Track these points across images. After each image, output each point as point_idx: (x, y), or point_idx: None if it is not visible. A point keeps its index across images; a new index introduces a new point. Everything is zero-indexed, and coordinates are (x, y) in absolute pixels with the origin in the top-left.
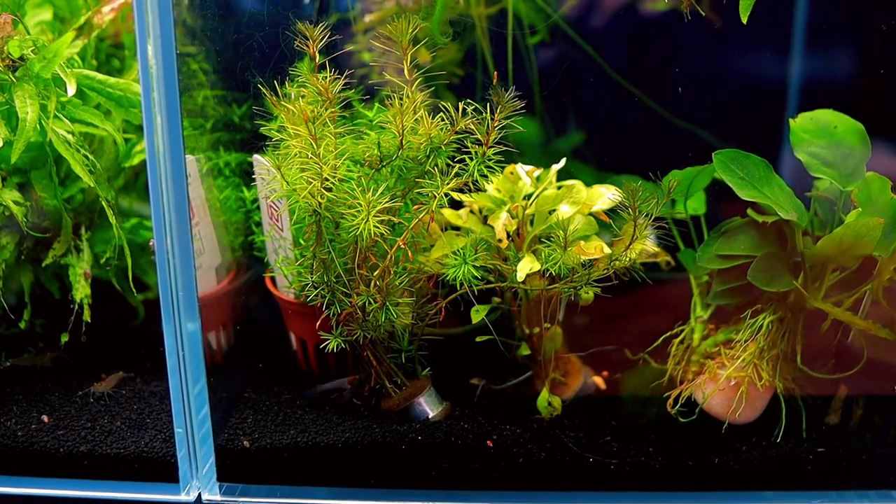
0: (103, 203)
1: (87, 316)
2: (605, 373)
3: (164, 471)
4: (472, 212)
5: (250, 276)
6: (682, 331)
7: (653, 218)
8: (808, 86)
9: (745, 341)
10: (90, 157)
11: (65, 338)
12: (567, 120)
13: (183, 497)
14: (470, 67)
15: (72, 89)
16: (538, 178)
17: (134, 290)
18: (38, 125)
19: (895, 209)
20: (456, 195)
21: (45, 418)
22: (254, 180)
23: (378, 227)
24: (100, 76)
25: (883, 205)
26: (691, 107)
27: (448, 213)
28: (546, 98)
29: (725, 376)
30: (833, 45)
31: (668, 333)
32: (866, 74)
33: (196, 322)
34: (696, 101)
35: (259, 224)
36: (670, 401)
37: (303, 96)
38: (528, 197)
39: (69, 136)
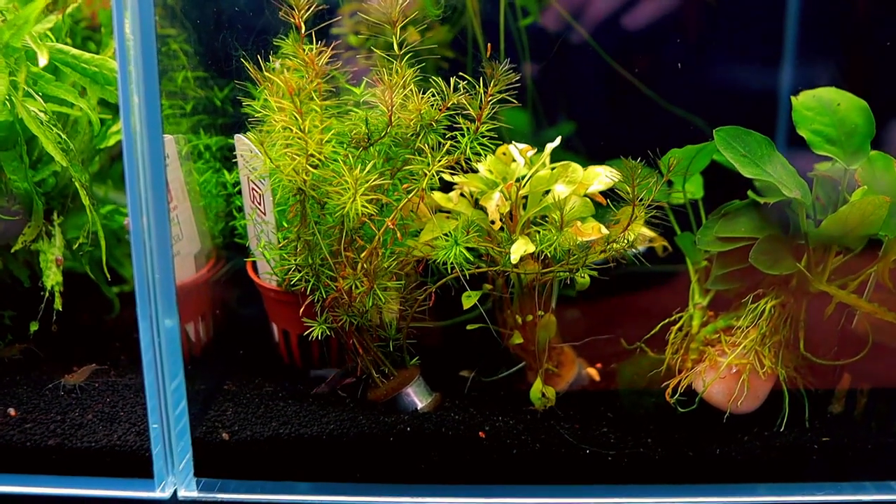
0: (77, 185)
1: (58, 304)
2: (598, 365)
3: (139, 465)
4: (462, 195)
5: (231, 264)
6: (679, 318)
7: (651, 198)
8: (800, 73)
9: (747, 327)
10: (63, 136)
11: (34, 326)
12: (558, 109)
13: (158, 494)
14: (459, 54)
15: (43, 60)
16: (531, 159)
17: (108, 277)
18: (7, 101)
19: None
20: (447, 176)
21: (11, 411)
22: (235, 163)
23: (366, 207)
24: (74, 51)
25: (888, 183)
26: (685, 94)
27: (438, 196)
28: (537, 85)
29: (726, 364)
30: (826, 31)
31: (666, 321)
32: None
33: (174, 315)
34: (691, 88)
35: (241, 209)
36: (669, 390)
37: (288, 69)
38: (522, 179)
39: (41, 115)
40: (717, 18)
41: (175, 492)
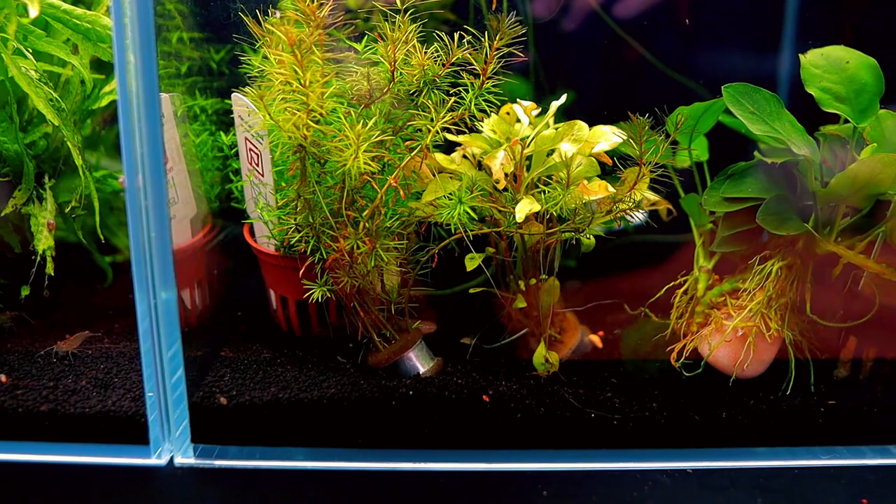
0: (70, 145)
1: (49, 268)
2: (601, 333)
3: (134, 432)
4: (465, 156)
5: (228, 230)
6: (684, 282)
7: (657, 158)
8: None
9: (753, 290)
10: (55, 96)
11: (25, 291)
12: (559, 78)
13: (154, 460)
14: (461, 16)
15: (34, 11)
16: (536, 119)
17: (102, 238)
18: None
19: None
20: (450, 136)
21: (2, 378)
22: (232, 126)
23: (368, 165)
24: (66, 6)
25: None
26: (688, 61)
27: (440, 157)
28: (540, 52)
29: (732, 327)
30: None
31: (671, 284)
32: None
33: (171, 282)
34: (694, 55)
35: (237, 172)
36: (674, 354)
37: (288, 21)
38: (526, 139)
39: (32, 73)
40: None
41: (172, 458)
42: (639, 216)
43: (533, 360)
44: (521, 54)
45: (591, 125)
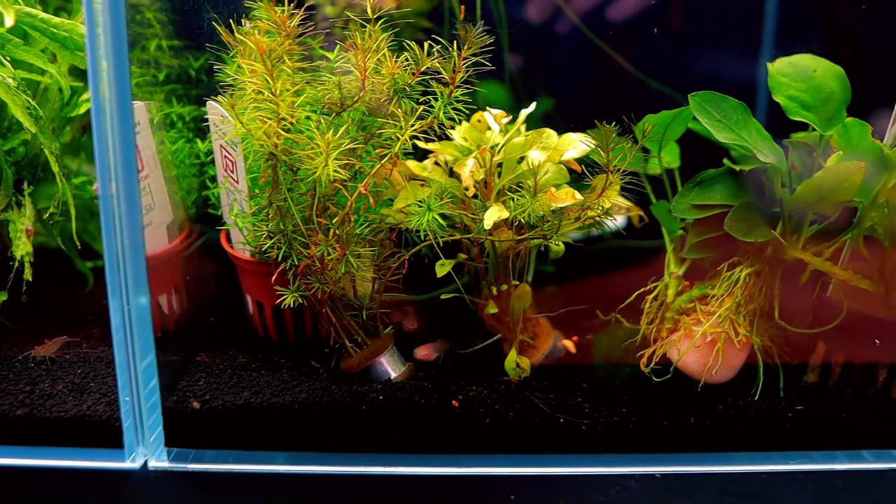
0: (47, 153)
1: (27, 274)
2: (574, 337)
3: (109, 436)
4: (437, 163)
5: (205, 236)
6: (655, 287)
7: (626, 164)
8: (783, 41)
9: (722, 296)
10: (33, 104)
11: (3, 296)
12: (537, 85)
13: (128, 464)
14: (436, 23)
15: (9, 20)
16: (506, 127)
17: (78, 244)
18: None
19: (876, 154)
20: (421, 144)
21: None
22: (208, 132)
23: (338, 172)
24: (43, 14)
25: (863, 149)
26: (665, 69)
27: (412, 164)
28: (516, 60)
29: (701, 332)
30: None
31: (641, 290)
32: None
33: (145, 291)
34: (672, 62)
35: (214, 179)
36: (644, 360)
37: (260, 31)
38: (496, 146)
39: (10, 81)
40: None
41: (146, 462)
42: (615, 222)
43: (505, 365)
44: (488, 63)
45: (570, 131)
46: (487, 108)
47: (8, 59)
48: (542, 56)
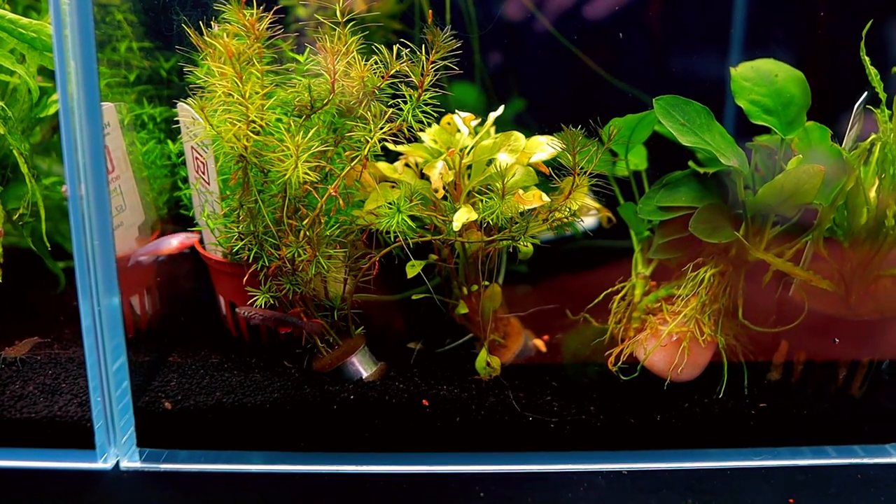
0: (16, 154)
1: None
2: (545, 336)
3: (81, 436)
4: (407, 165)
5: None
6: (623, 288)
7: (593, 167)
8: (748, 46)
9: (687, 296)
10: (1, 104)
11: None
12: (509, 86)
13: (100, 465)
14: (407, 26)
15: None
16: (475, 129)
17: (48, 245)
18: None
19: (835, 157)
20: (392, 146)
21: None
22: (180, 133)
23: (308, 175)
24: (11, 15)
25: (823, 153)
26: (635, 70)
27: (383, 165)
28: (487, 62)
29: (667, 332)
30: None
31: (609, 290)
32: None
33: (115, 292)
34: (642, 65)
35: (185, 180)
36: (611, 359)
37: (229, 34)
38: (466, 149)
39: None
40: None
41: (118, 462)
42: (584, 223)
43: (475, 364)
44: (455, 67)
45: (542, 132)
46: (456, 110)
47: None
48: (514, 57)
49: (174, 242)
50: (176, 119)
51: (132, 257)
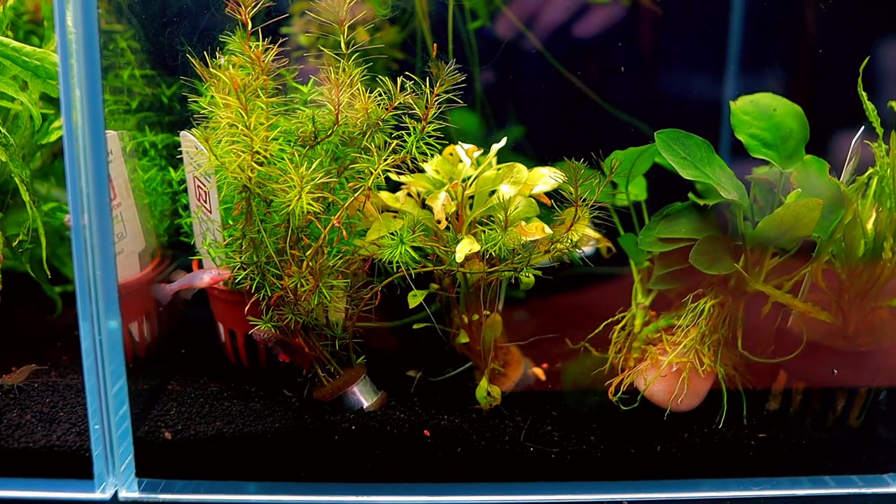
0: (17, 181)
1: None
2: (545, 365)
3: (78, 466)
4: (409, 195)
5: (176, 263)
6: (623, 318)
7: (595, 199)
8: (746, 79)
9: (687, 326)
10: (3, 131)
11: None
12: (508, 113)
13: (98, 495)
14: (409, 55)
15: None
16: (478, 160)
17: (48, 273)
18: None
19: (833, 190)
20: (394, 176)
21: None
22: (181, 161)
23: (312, 205)
24: (15, 43)
25: (821, 186)
26: (634, 99)
27: (385, 195)
28: (487, 89)
29: (667, 362)
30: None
31: (609, 320)
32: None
33: (116, 316)
34: (639, 94)
35: (186, 207)
36: (612, 389)
37: (234, 65)
38: (468, 179)
39: None
40: (664, 26)
41: (116, 493)
42: (584, 253)
43: (476, 393)
44: (460, 101)
45: (540, 159)
46: (459, 142)
47: None
48: (513, 86)
49: (206, 278)
50: (177, 146)
51: (166, 291)
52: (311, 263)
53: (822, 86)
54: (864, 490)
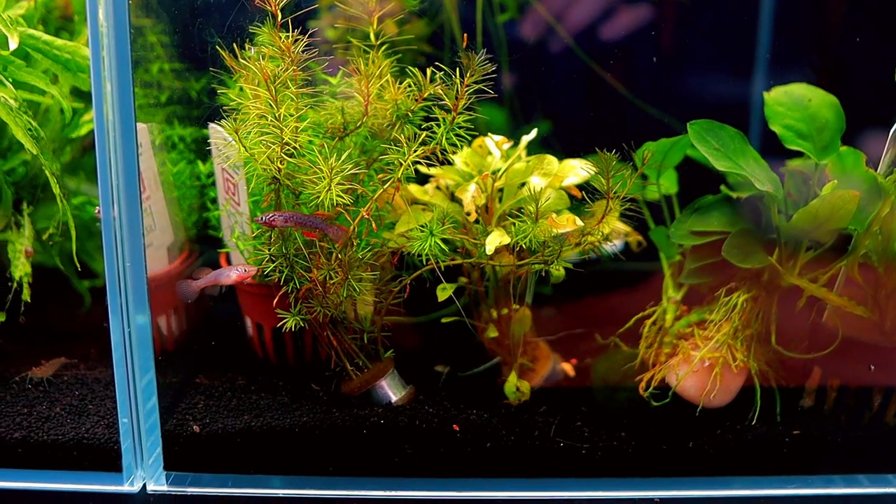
0: (48, 174)
1: (26, 295)
2: (573, 360)
3: (107, 459)
4: (437, 187)
5: (204, 256)
6: (653, 312)
7: (626, 191)
8: (777, 71)
9: (719, 321)
10: (34, 124)
11: (0, 317)
12: (534, 107)
13: (126, 488)
14: (436, 48)
15: (14, 43)
16: (507, 152)
17: (78, 266)
18: None
19: (870, 182)
20: (423, 168)
21: None
22: (209, 154)
23: (341, 197)
24: (46, 37)
25: (858, 178)
26: (661, 93)
27: (413, 188)
28: (515, 81)
29: (699, 357)
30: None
31: (640, 315)
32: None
33: (145, 309)
34: (667, 88)
35: (214, 200)
36: (643, 384)
37: (264, 56)
38: (497, 171)
39: (11, 102)
40: (692, 21)
41: (144, 485)
42: (614, 246)
43: (504, 388)
44: (490, 91)
45: (566, 153)
46: (489, 133)
47: (10, 80)
48: (539, 79)
49: (233, 275)
50: (205, 139)
51: (192, 289)
52: (340, 255)
53: (858, 76)
54: None
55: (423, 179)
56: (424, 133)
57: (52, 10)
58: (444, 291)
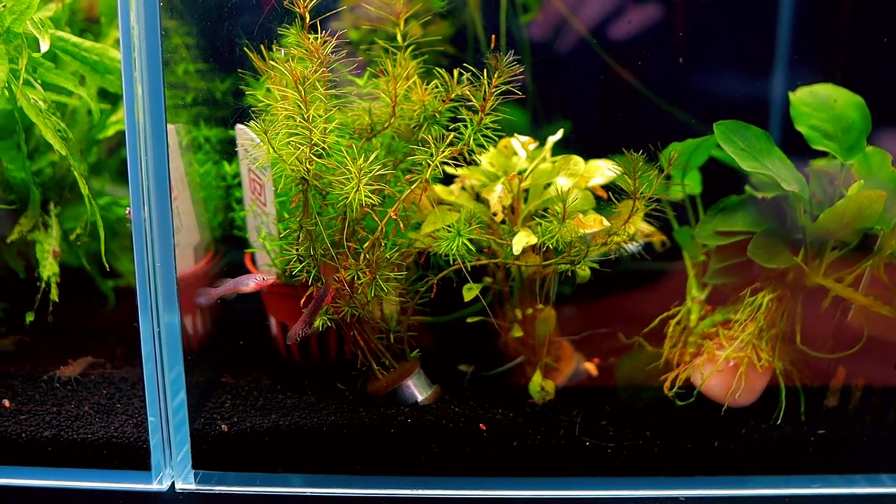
0: (76, 174)
1: (54, 295)
2: (596, 360)
3: (136, 457)
4: (463, 188)
5: (230, 256)
6: (678, 312)
7: (651, 191)
8: (794, 75)
9: (744, 321)
10: (62, 126)
11: (30, 317)
12: (555, 107)
13: (155, 486)
14: (460, 49)
15: (45, 45)
16: (532, 153)
17: (107, 266)
18: (6, 89)
19: None
20: (450, 168)
21: (6, 402)
22: (235, 155)
23: (369, 197)
24: (75, 38)
25: (884, 178)
26: (684, 94)
27: (439, 188)
28: (537, 81)
29: (724, 357)
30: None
31: (664, 315)
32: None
33: (174, 306)
34: (689, 88)
35: (240, 201)
36: (667, 383)
37: (292, 57)
38: (524, 172)
39: (40, 103)
40: (713, 19)
41: (173, 484)
42: (638, 246)
43: (529, 387)
44: (517, 92)
45: (589, 154)
46: (515, 134)
47: (39, 82)
48: (561, 79)
49: (251, 283)
50: (230, 140)
51: (210, 296)
52: (367, 255)
53: (884, 75)
54: None
55: (446, 180)
56: (452, 134)
57: (77, 11)
58: (470, 291)
